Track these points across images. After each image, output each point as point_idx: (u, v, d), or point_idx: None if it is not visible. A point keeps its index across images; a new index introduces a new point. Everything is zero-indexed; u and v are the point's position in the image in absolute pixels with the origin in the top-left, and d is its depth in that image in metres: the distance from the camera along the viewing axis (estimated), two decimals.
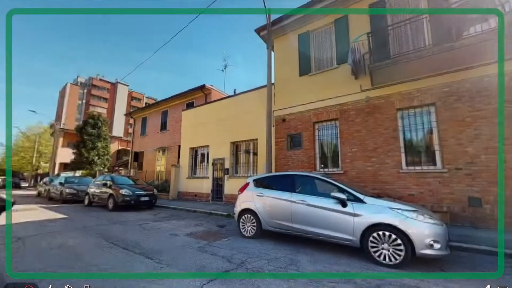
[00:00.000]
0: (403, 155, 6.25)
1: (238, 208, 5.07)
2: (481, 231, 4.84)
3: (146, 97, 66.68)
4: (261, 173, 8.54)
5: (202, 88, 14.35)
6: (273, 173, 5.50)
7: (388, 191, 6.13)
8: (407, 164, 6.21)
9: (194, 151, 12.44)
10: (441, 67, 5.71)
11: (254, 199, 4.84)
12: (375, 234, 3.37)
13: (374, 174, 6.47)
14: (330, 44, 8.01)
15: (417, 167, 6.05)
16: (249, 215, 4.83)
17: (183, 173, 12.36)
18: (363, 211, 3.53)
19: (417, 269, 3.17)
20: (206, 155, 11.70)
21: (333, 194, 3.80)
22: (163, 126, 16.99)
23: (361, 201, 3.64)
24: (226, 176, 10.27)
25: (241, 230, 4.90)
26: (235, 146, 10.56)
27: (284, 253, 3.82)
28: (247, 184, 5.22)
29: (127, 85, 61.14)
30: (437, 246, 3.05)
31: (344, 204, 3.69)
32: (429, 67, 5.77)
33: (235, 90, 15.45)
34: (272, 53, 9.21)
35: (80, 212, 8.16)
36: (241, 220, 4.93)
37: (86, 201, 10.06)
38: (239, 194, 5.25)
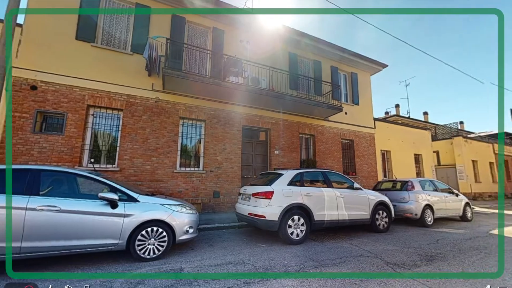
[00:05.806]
0: (179, 157, 7.16)
1: None
2: (217, 214, 6.94)
3: None
4: None
5: None
6: None
7: (162, 189, 6.60)
8: (181, 166, 7.20)
9: None
10: (213, 95, 7.60)
11: None
12: (143, 232, 3.39)
13: (152, 173, 6.62)
14: (127, 25, 7.13)
15: (187, 168, 7.25)
16: None
17: None
18: (136, 210, 3.42)
19: (173, 253, 3.68)
20: None
21: (101, 194, 3.24)
22: None
23: (135, 200, 3.51)
24: None
25: None
26: None
27: None
28: None
29: None
30: (191, 231, 3.81)
31: (114, 205, 3.30)
32: (206, 92, 7.40)
33: None
34: None
35: None
36: None
37: None
38: None
